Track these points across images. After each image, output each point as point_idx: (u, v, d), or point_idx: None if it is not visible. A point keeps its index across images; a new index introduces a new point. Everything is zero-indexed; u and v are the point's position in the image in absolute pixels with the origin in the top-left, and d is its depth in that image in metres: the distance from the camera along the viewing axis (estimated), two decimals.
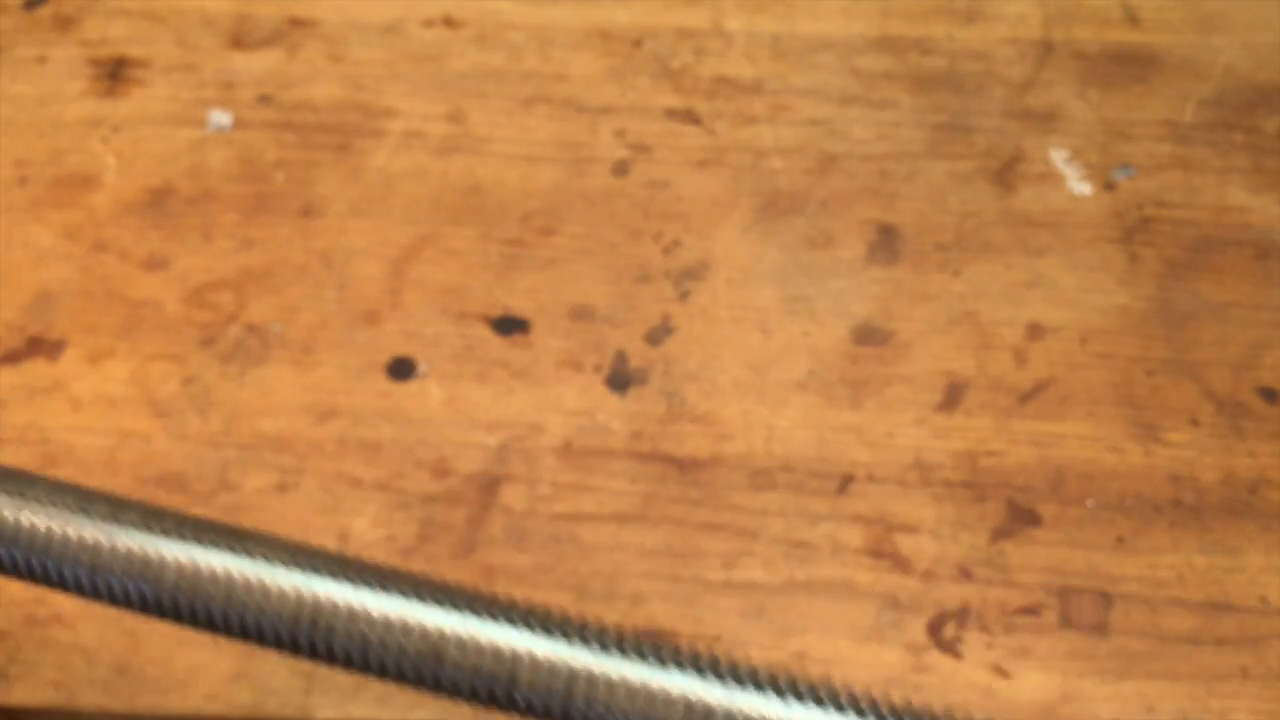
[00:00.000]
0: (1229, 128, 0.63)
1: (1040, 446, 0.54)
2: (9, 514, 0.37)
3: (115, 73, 0.66)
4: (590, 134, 0.64)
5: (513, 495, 0.54)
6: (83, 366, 0.57)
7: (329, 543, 0.53)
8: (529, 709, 0.34)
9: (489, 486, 0.54)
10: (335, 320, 0.58)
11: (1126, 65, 0.65)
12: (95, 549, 0.36)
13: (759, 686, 0.34)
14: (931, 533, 0.52)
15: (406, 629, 0.35)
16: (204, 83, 0.66)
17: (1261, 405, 0.55)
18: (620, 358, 0.57)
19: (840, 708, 0.33)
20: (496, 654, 0.34)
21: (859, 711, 0.33)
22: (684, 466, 0.54)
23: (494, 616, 0.35)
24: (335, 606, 0.35)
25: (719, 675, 0.34)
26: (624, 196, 0.62)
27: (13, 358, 0.58)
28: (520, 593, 0.52)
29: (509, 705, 0.35)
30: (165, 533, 0.37)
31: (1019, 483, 0.53)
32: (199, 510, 0.54)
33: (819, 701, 0.33)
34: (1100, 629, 0.50)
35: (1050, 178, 0.62)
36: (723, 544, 0.52)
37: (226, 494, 0.54)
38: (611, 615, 0.51)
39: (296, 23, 0.68)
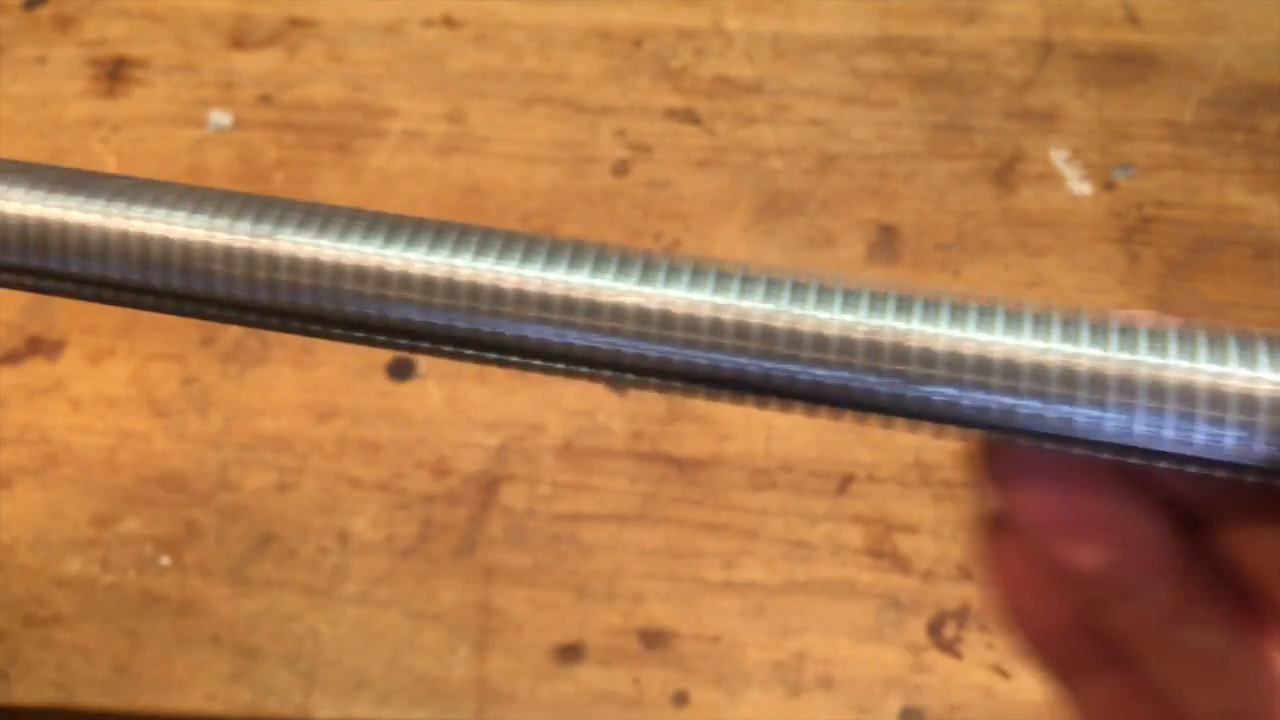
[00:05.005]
0: (1229, 128, 0.63)
1: None
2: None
3: (115, 73, 0.66)
4: (590, 134, 0.64)
5: (513, 495, 0.54)
6: (83, 366, 0.57)
7: (329, 543, 0.53)
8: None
9: (489, 486, 0.54)
10: None
11: (1126, 65, 0.65)
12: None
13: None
14: (931, 532, 0.52)
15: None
16: (204, 83, 0.66)
17: None
18: None
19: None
20: None
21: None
22: (684, 466, 0.54)
23: None
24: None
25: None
26: (624, 196, 0.62)
27: (13, 358, 0.58)
28: (520, 593, 0.53)
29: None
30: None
31: None
32: (197, 512, 0.54)
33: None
34: None
35: (1050, 178, 0.62)
36: (722, 544, 0.52)
37: (226, 494, 0.54)
38: (612, 615, 0.51)
39: (296, 23, 0.68)
